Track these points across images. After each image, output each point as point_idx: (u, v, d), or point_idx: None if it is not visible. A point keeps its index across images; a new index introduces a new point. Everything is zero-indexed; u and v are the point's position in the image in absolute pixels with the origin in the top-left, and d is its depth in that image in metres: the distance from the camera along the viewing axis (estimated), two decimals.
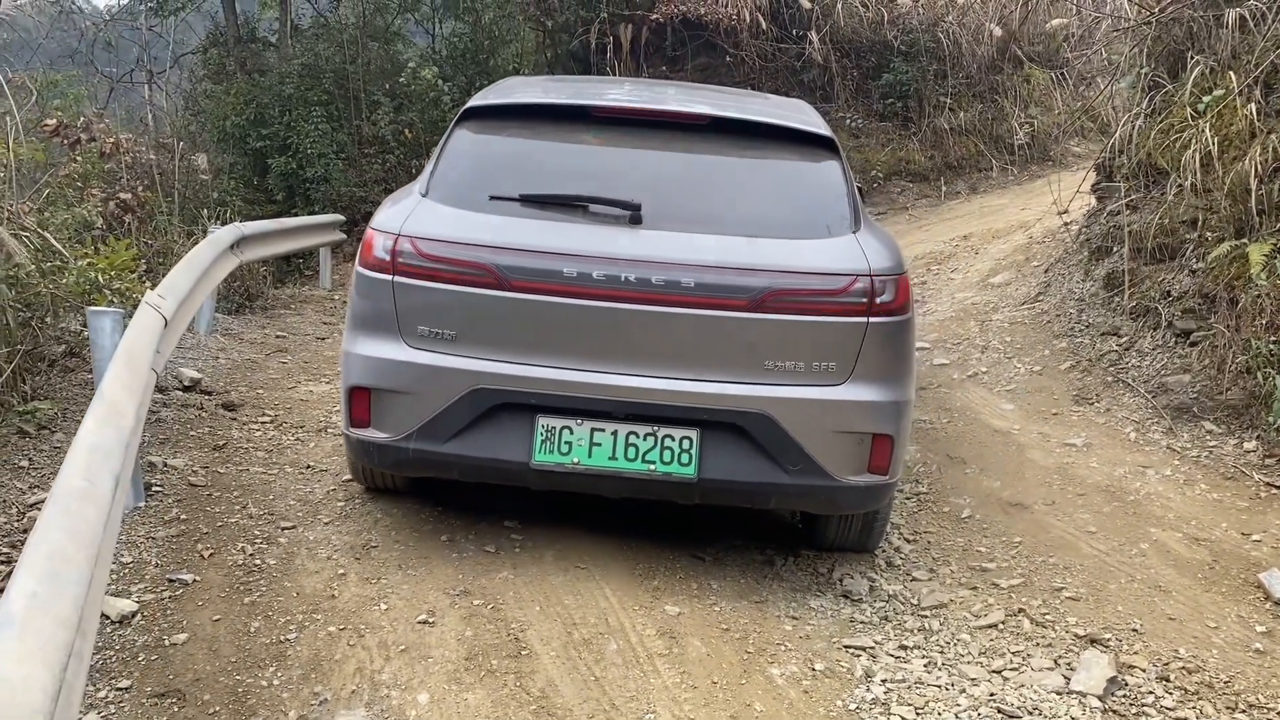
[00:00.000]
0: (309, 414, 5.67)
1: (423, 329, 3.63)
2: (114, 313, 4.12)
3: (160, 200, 9.22)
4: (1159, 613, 3.80)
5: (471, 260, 3.58)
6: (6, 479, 4.12)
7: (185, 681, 3.04)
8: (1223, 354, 5.30)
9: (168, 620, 3.35)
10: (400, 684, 3.07)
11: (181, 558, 3.76)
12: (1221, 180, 5.38)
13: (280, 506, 4.26)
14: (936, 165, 13.59)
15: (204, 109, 14.64)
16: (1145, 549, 4.29)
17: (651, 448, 3.62)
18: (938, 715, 3.14)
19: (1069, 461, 5.13)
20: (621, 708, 3.04)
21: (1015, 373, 6.36)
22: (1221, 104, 5.60)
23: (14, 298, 4.57)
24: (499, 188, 3.76)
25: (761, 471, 3.64)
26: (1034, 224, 9.87)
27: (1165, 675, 3.38)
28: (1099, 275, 6.86)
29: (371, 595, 3.55)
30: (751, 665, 3.35)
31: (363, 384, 3.70)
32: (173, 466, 4.54)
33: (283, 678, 3.08)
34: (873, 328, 3.64)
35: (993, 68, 13.93)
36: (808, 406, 3.63)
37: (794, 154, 4.06)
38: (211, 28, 16.04)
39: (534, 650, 3.29)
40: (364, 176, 13.13)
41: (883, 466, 3.72)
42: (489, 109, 4.09)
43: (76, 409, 4.89)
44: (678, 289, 3.55)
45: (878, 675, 3.36)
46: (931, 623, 3.77)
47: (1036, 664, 3.45)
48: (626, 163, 3.96)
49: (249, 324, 8.45)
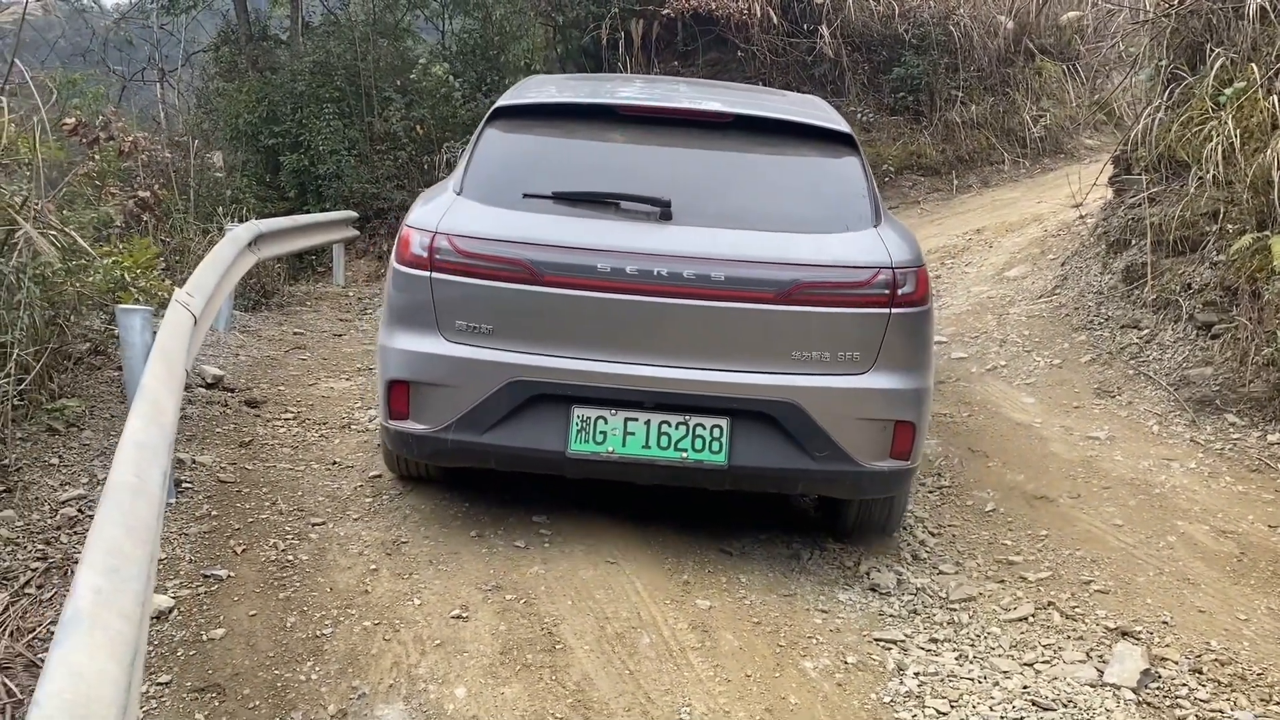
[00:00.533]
0: (331, 410, 5.70)
1: (460, 323, 3.71)
2: (144, 310, 4.15)
3: (176, 198, 9.24)
4: (1189, 605, 3.81)
5: (508, 257, 3.67)
6: (38, 476, 4.14)
7: (224, 676, 3.07)
8: (1245, 346, 5.29)
9: (204, 615, 3.37)
10: (437, 678, 3.09)
11: (215, 553, 3.78)
12: (1244, 172, 5.38)
13: (309, 503, 4.28)
14: (948, 159, 13.56)
15: (216, 107, 14.66)
16: (1172, 542, 4.29)
17: (683, 436, 3.72)
18: (972, 708, 3.16)
19: (1092, 455, 5.13)
20: (657, 701, 3.06)
21: (1035, 366, 6.36)
22: (1243, 96, 5.59)
23: (41, 296, 4.59)
24: (531, 186, 3.85)
25: (789, 458, 3.75)
26: (1047, 217, 9.87)
27: (1198, 668, 3.39)
28: (1117, 268, 6.86)
29: (404, 590, 3.58)
30: (784, 658, 3.36)
31: (402, 377, 3.78)
32: (201, 463, 4.56)
33: (321, 672, 3.10)
34: (895, 318, 3.75)
35: (1004, 60, 13.90)
36: (833, 395, 3.74)
37: (815, 150, 4.18)
38: (223, 25, 16.06)
39: (568, 644, 3.31)
40: (376, 173, 13.13)
41: (905, 452, 3.85)
42: (518, 108, 4.15)
43: (103, 406, 4.92)
44: (708, 283, 3.64)
45: (910, 668, 3.37)
46: (961, 616, 3.78)
47: (1068, 657, 3.46)
48: (654, 160, 4.04)
49: (266, 321, 8.48)
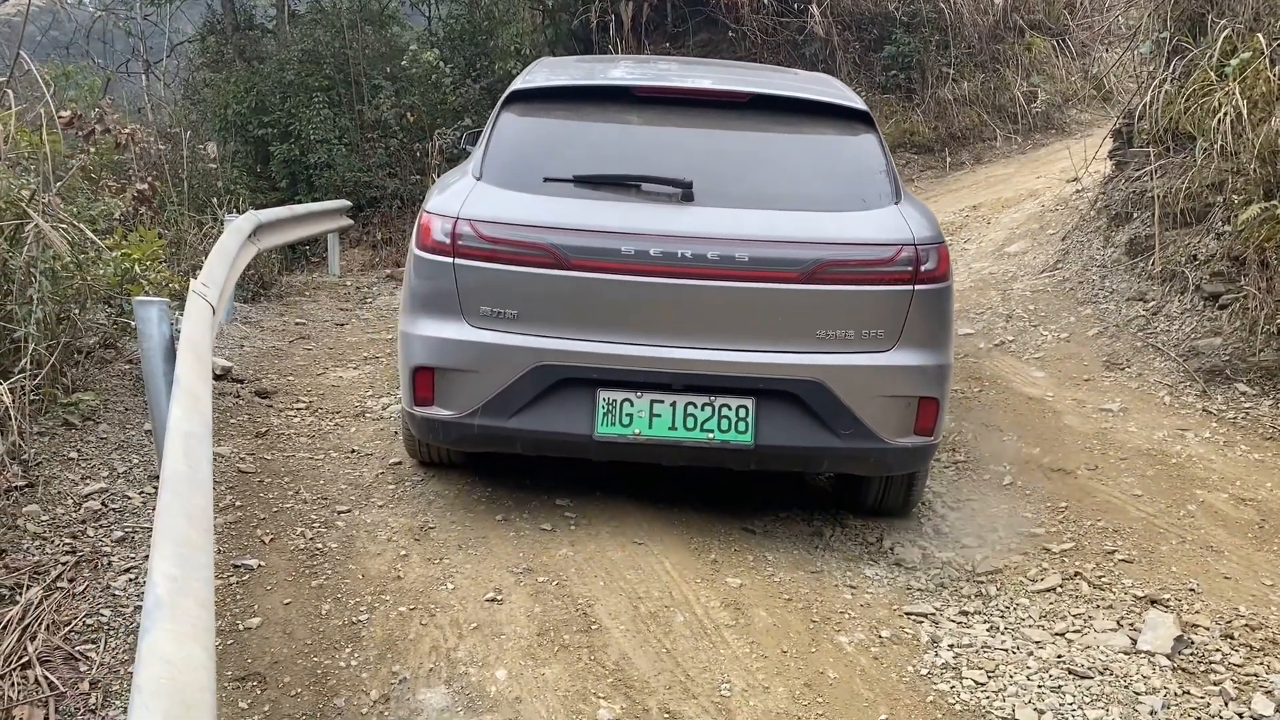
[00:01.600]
0: (343, 399, 5.68)
1: (485, 309, 3.70)
2: (160, 302, 4.10)
3: (171, 190, 9.17)
4: (1214, 572, 3.84)
5: (531, 241, 3.65)
6: (58, 471, 4.12)
7: (264, 664, 3.07)
8: (1254, 316, 5.32)
9: (239, 605, 3.37)
10: (477, 661, 3.09)
11: (243, 544, 3.77)
12: (1251, 143, 5.39)
13: (332, 491, 4.27)
14: (940, 136, 13.55)
15: (203, 98, 14.54)
16: (1193, 510, 4.32)
17: (710, 417, 3.71)
18: (1009, 678, 3.18)
19: (1106, 426, 5.16)
20: (696, 678, 3.07)
21: (1043, 340, 6.39)
22: (1248, 67, 5.61)
23: (52, 290, 4.55)
24: (550, 169, 3.82)
25: (815, 436, 3.75)
26: (1043, 192, 9.89)
27: (1229, 633, 3.42)
28: (1120, 241, 6.88)
29: (436, 575, 3.58)
30: (819, 634, 3.38)
31: (426, 364, 3.76)
32: (220, 454, 4.55)
33: (360, 658, 3.11)
34: (918, 295, 3.76)
35: (994, 36, 13.89)
36: (858, 373, 3.74)
37: (833, 129, 4.15)
38: (208, 15, 15.91)
39: (603, 624, 3.32)
40: (367, 161, 13.05)
41: (928, 428, 3.86)
42: (533, 92, 4.12)
43: (116, 400, 4.89)
44: (732, 263, 3.63)
45: (943, 640, 3.40)
46: (988, 588, 3.80)
47: (1099, 626, 3.49)
48: (672, 141, 4.03)
49: (267, 312, 8.44)
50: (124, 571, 3.47)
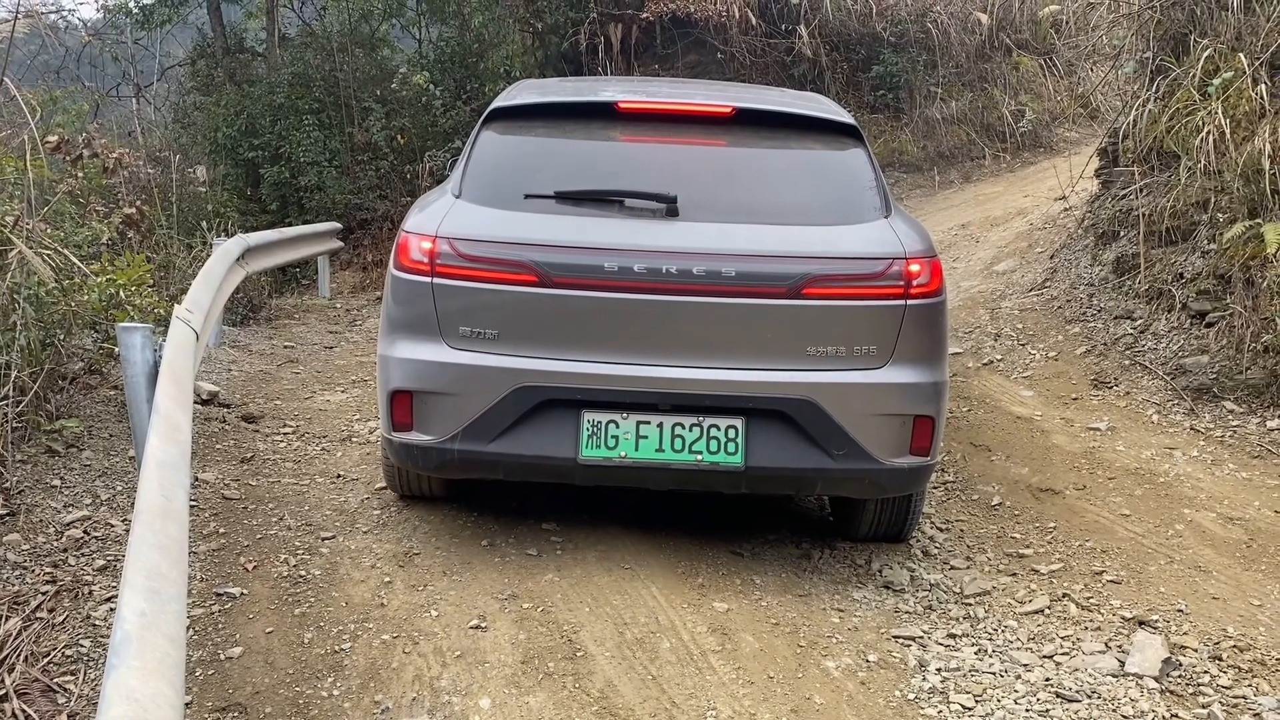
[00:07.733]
0: (330, 424, 5.65)
1: (464, 329, 3.63)
2: (144, 328, 4.09)
3: (159, 214, 9.16)
4: (1202, 593, 3.83)
5: (512, 259, 3.58)
6: (40, 498, 4.09)
7: (245, 695, 3.03)
8: (1241, 334, 5.33)
9: (220, 634, 3.33)
10: (460, 689, 3.06)
11: (225, 571, 3.74)
12: (1234, 161, 5.42)
13: (317, 517, 4.24)
14: (929, 155, 13.62)
15: (194, 121, 14.57)
16: (1181, 530, 4.31)
17: (698, 438, 3.63)
18: (997, 702, 3.16)
19: (1094, 446, 5.16)
20: (682, 705, 3.05)
21: (1031, 359, 6.39)
22: (1231, 86, 5.64)
23: (36, 316, 4.53)
24: (531, 186, 3.78)
25: (807, 457, 3.66)
26: (1031, 211, 9.92)
27: (1217, 655, 3.41)
28: (1107, 259, 6.90)
29: (420, 602, 3.55)
30: (805, 659, 3.36)
31: (404, 387, 3.69)
32: (204, 480, 4.52)
33: (342, 688, 3.07)
34: (910, 310, 3.68)
35: (981, 56, 13.98)
36: (851, 391, 3.66)
37: (820, 143, 4.11)
38: (198, 39, 15.95)
39: (589, 651, 3.29)
40: (358, 183, 13.09)
41: (924, 448, 3.76)
42: (513, 109, 4.09)
43: (101, 426, 4.86)
44: (719, 279, 3.57)
45: (931, 664, 3.37)
46: (976, 610, 3.78)
47: (1087, 648, 3.47)
48: (655, 157, 3.99)
49: (255, 335, 8.42)
50: (105, 601, 3.44)
